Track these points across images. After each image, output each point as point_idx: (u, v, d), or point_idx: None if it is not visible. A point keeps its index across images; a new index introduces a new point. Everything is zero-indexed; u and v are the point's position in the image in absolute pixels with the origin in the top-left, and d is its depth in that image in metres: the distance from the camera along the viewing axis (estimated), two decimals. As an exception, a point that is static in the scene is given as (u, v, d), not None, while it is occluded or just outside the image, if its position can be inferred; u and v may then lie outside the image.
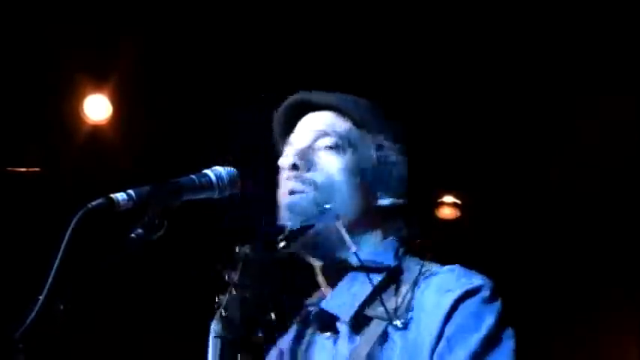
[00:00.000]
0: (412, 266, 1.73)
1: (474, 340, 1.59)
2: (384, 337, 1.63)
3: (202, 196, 1.64)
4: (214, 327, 1.55)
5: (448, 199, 5.48)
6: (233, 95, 4.54)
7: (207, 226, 1.73)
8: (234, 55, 4.40)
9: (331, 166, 1.74)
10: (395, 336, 1.63)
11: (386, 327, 1.64)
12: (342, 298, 1.69)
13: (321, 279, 1.79)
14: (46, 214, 4.06)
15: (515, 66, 4.48)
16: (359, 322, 1.67)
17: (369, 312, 1.66)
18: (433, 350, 1.60)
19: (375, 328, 1.64)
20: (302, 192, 1.72)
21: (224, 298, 1.56)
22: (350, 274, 1.71)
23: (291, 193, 1.73)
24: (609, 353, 5.83)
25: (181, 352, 5.24)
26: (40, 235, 3.13)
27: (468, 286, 1.64)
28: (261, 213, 1.76)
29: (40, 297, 1.43)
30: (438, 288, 1.65)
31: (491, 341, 1.61)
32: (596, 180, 5.08)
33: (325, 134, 1.77)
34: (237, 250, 1.61)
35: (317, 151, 1.77)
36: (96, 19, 4.25)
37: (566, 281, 5.66)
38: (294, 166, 1.75)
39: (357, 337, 1.67)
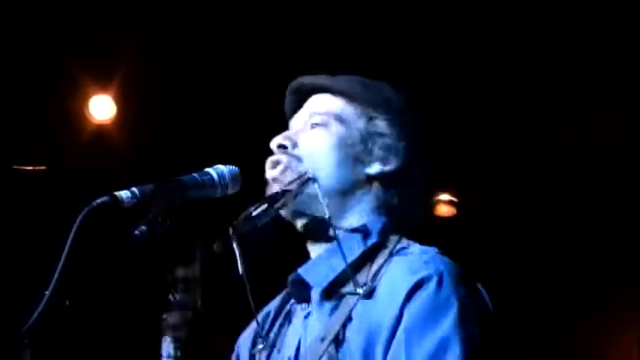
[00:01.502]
0: (393, 242, 1.71)
1: (429, 338, 1.55)
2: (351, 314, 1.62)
3: (205, 193, 1.64)
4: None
5: (444, 197, 5.45)
6: (235, 95, 4.58)
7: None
8: (237, 55, 4.41)
9: (317, 141, 1.75)
10: (359, 308, 1.61)
11: (355, 304, 1.62)
12: (318, 268, 1.70)
13: (309, 247, 1.79)
14: (51, 211, 4.08)
15: (514, 64, 4.46)
16: (331, 296, 1.66)
17: (343, 289, 1.65)
18: (391, 331, 1.57)
19: (345, 307, 1.63)
20: (286, 165, 1.73)
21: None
22: (333, 245, 1.70)
23: (275, 165, 1.75)
24: (609, 353, 5.81)
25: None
26: (46, 231, 3.14)
27: (431, 271, 1.59)
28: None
29: (46, 292, 1.43)
30: (407, 267, 1.62)
31: (444, 341, 1.55)
32: (595, 180, 5.05)
33: (316, 114, 1.78)
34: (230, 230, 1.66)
35: (306, 130, 1.78)
36: (101, 24, 4.28)
37: (565, 281, 5.63)
38: (281, 146, 1.76)
39: (328, 314, 1.65)
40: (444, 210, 5.43)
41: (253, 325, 1.81)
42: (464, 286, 1.60)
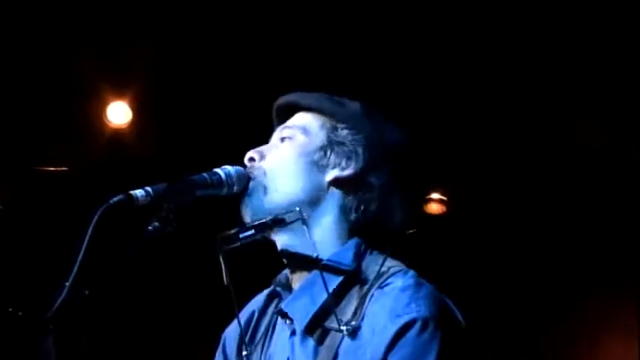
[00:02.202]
0: (371, 267, 1.72)
1: None
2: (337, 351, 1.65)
3: (213, 192, 1.74)
4: None
5: (435, 195, 5.44)
6: (246, 101, 4.66)
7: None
8: (249, 63, 4.50)
9: (281, 152, 1.79)
10: (344, 346, 1.65)
11: (341, 341, 1.65)
12: (300, 302, 1.72)
13: (288, 269, 1.81)
14: (71, 209, 4.18)
15: (508, 63, 4.42)
16: (314, 330, 1.69)
17: (326, 323, 1.68)
18: None
19: (330, 343, 1.66)
20: (253, 179, 1.77)
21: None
22: (313, 274, 1.73)
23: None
24: (609, 353, 5.74)
25: (189, 344, 5.33)
26: (66, 226, 3.23)
27: (415, 315, 1.61)
28: None
29: (67, 283, 1.49)
30: (390, 310, 1.63)
31: None
32: (588, 178, 4.99)
33: (285, 128, 1.82)
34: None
35: (277, 144, 1.82)
36: (117, 37, 4.39)
37: (560, 279, 5.53)
38: (251, 159, 1.80)
39: (313, 348, 1.68)
40: (434, 208, 5.42)
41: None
42: (443, 328, 1.62)
